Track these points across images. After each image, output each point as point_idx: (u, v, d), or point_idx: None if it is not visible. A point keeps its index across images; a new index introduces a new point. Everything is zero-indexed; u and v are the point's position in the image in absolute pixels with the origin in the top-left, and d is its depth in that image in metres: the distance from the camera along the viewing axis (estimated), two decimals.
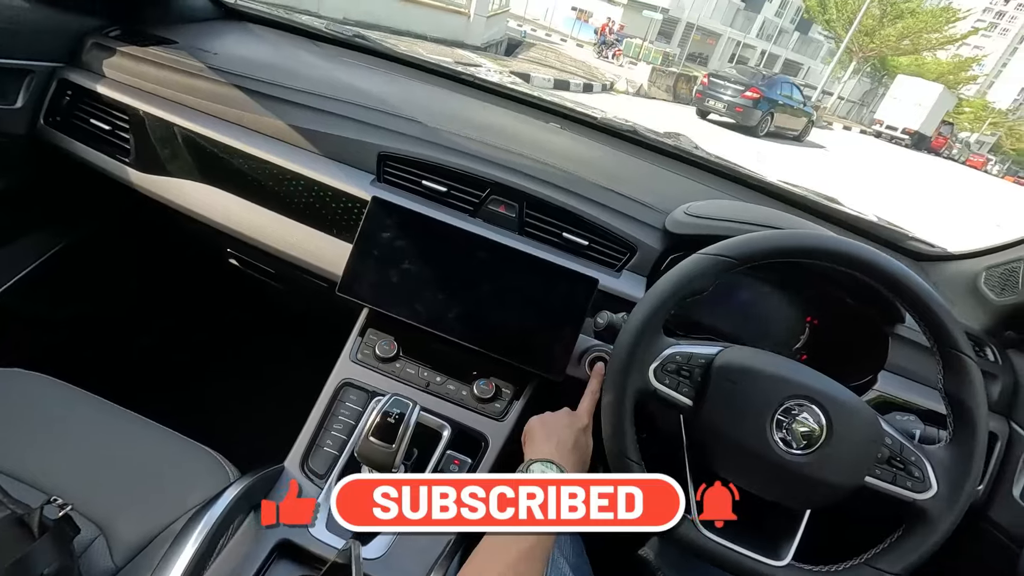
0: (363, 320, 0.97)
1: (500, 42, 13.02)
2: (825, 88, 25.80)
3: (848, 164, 12.88)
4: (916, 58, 29.12)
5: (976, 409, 0.66)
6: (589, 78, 12.05)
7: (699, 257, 0.70)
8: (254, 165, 0.98)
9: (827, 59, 29.69)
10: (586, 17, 30.37)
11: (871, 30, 25.35)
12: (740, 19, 34.91)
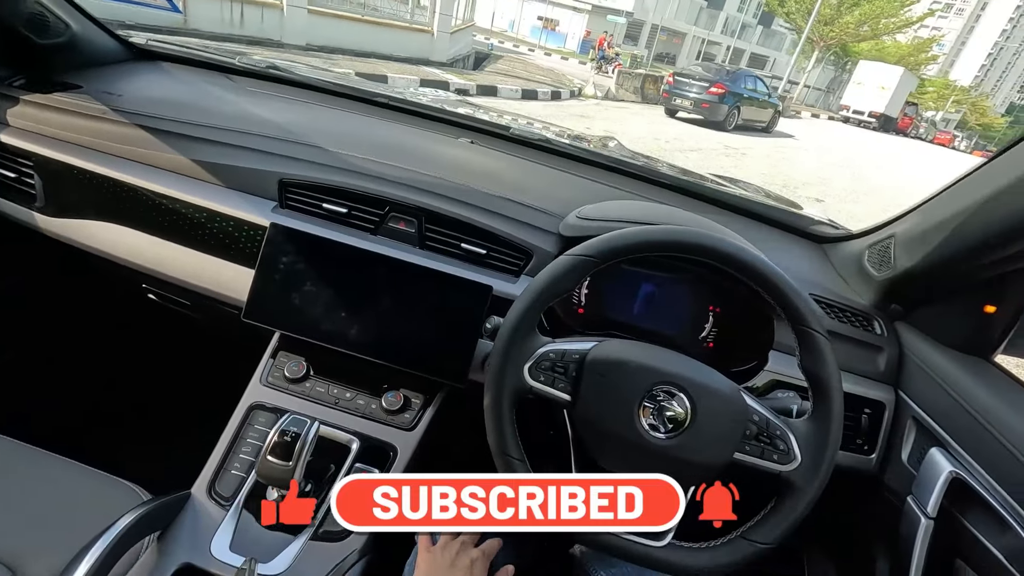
0: (275, 343, 0.99)
1: (467, 56, 13.14)
2: (791, 78, 26.25)
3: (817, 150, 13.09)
4: (876, 43, 29.83)
5: (830, 381, 0.70)
6: (557, 85, 12.18)
7: (563, 259, 0.73)
8: (159, 202, 1.01)
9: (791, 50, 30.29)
10: (552, 26, 30.75)
11: (830, 19, 25.94)
12: (704, 17, 35.53)
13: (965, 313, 0.87)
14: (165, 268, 1.03)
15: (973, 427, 0.78)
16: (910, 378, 0.93)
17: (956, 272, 0.83)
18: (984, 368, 0.86)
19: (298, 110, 1.22)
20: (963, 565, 0.77)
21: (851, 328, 0.99)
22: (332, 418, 0.92)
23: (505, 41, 23.36)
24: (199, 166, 1.02)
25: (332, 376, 0.97)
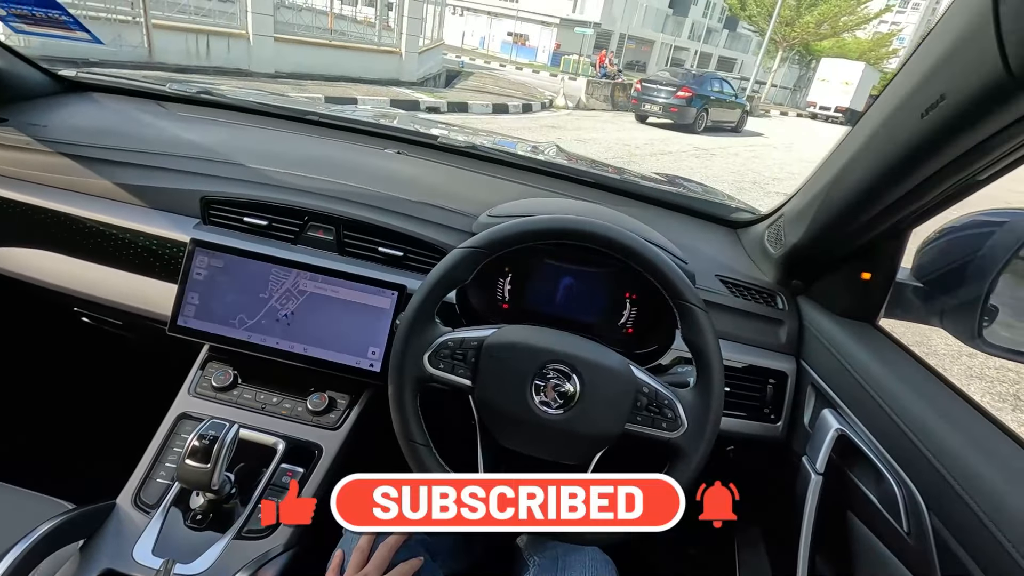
0: (204, 355, 1.02)
1: (438, 75, 13.28)
2: (758, 78, 26.88)
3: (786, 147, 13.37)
4: (837, 40, 30.68)
5: (708, 350, 0.74)
6: (528, 98, 12.36)
7: (454, 252, 0.78)
8: (85, 226, 1.04)
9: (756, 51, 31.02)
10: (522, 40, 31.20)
11: (790, 20, 26.70)
12: (670, 24, 36.29)
13: (848, 282, 0.93)
14: (95, 290, 1.06)
15: (855, 387, 0.83)
16: (808, 347, 0.98)
17: (831, 243, 0.89)
18: (868, 332, 0.91)
19: (226, 131, 1.26)
20: (853, 517, 0.81)
21: (756, 305, 1.04)
22: (258, 422, 0.95)
23: (476, 58, 23.64)
24: (123, 189, 1.05)
25: (260, 383, 1.00)
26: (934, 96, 0.57)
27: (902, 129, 0.65)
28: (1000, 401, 3.22)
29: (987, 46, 0.47)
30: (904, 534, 0.69)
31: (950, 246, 0.83)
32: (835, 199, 0.82)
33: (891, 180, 0.70)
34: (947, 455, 0.66)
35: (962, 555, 0.60)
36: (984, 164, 0.61)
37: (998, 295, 0.81)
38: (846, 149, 0.79)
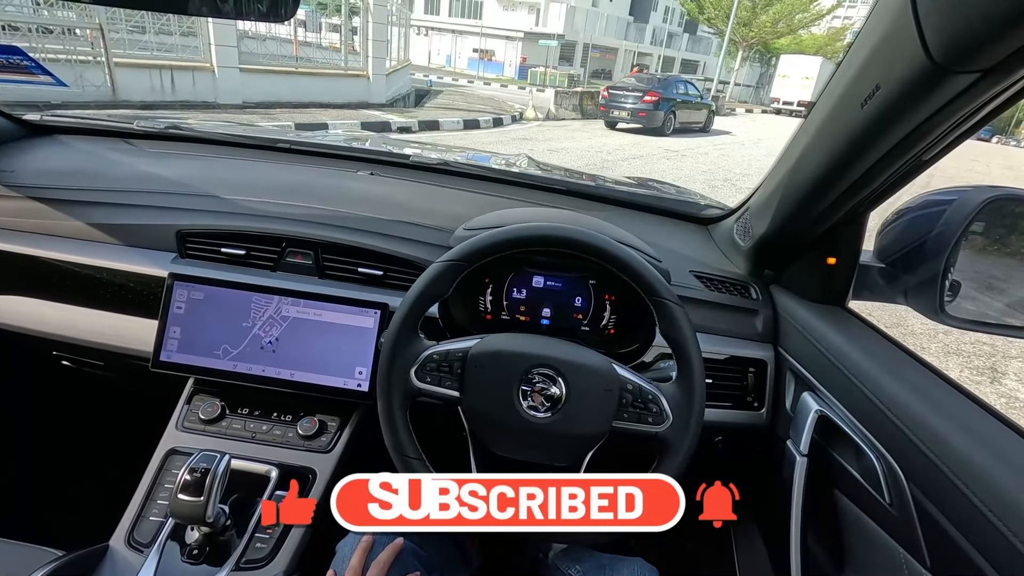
0: (189, 389, 1.02)
1: (407, 95, 13.35)
2: (722, 79, 27.51)
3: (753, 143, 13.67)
4: (794, 37, 31.65)
5: (686, 343, 0.76)
6: (498, 112, 12.47)
7: (432, 266, 0.79)
8: (60, 268, 1.04)
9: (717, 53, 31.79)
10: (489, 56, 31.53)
11: (747, 20, 27.49)
12: (632, 31, 37.01)
13: (815, 268, 0.96)
14: (74, 332, 1.05)
15: (830, 369, 0.86)
16: (784, 334, 1.02)
17: (795, 231, 0.92)
18: (839, 315, 0.95)
19: (197, 164, 1.26)
20: (839, 494, 0.84)
21: (731, 297, 1.07)
22: (250, 451, 0.94)
23: (444, 76, 23.83)
24: (96, 229, 1.05)
25: (248, 412, 0.99)
26: (870, 86, 0.60)
27: (845, 120, 0.68)
28: (978, 375, 3.31)
29: (909, 36, 0.51)
30: (887, 506, 0.72)
31: (907, 226, 0.86)
32: (794, 189, 0.86)
33: (842, 168, 0.74)
34: (921, 427, 0.69)
35: (942, 520, 0.63)
36: (925, 145, 0.64)
37: (959, 270, 0.85)
38: (799, 141, 0.82)
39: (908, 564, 0.68)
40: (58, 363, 1.14)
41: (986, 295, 0.93)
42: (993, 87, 0.52)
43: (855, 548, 0.82)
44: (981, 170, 14.13)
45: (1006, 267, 0.94)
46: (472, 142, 9.54)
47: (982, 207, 0.79)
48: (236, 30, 8.96)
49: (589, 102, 14.70)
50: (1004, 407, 2.02)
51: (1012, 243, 0.93)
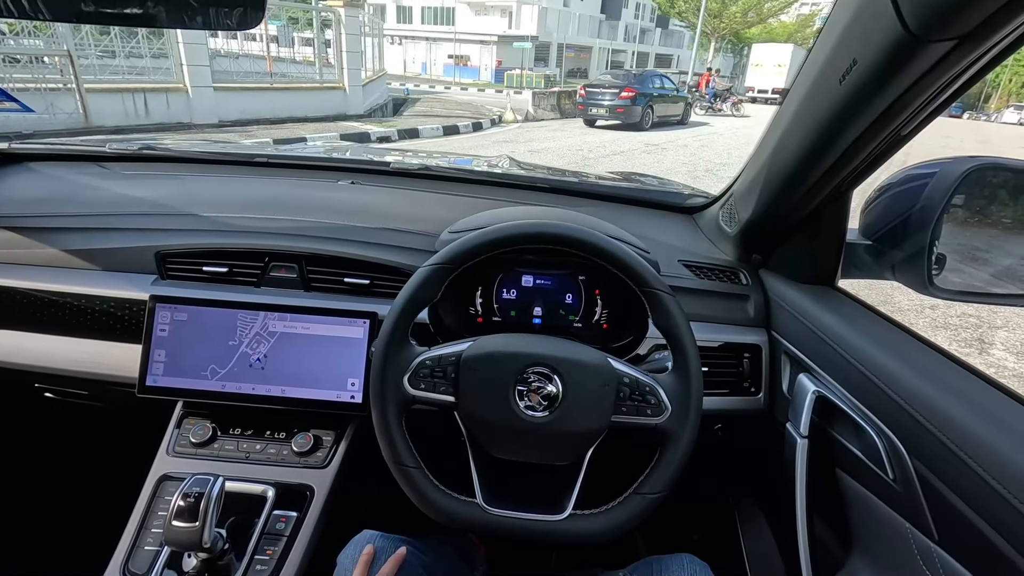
0: (179, 412, 0.99)
1: (385, 104, 13.32)
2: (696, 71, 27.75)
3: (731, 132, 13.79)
4: (764, 26, 32.14)
5: (680, 332, 0.76)
6: (477, 116, 12.48)
7: (420, 271, 0.78)
8: (35, 298, 1.01)
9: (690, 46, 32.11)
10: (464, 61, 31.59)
11: (718, 12, 27.88)
12: (605, 29, 37.30)
13: (802, 249, 0.97)
14: (55, 363, 1.02)
15: (825, 349, 0.86)
16: (776, 317, 1.01)
17: (780, 213, 0.92)
18: (829, 295, 0.95)
19: (174, 184, 1.24)
20: (842, 474, 0.84)
21: (721, 284, 1.07)
22: (244, 472, 0.92)
23: (420, 83, 23.81)
24: (72, 255, 1.02)
25: (241, 432, 0.97)
26: (847, 62, 0.60)
27: (824, 97, 0.68)
28: (966, 347, 3.36)
29: (884, 8, 0.51)
30: (891, 482, 0.72)
31: (891, 202, 0.87)
32: (776, 172, 0.86)
33: (823, 146, 0.74)
34: (918, 400, 0.69)
35: (947, 492, 0.63)
36: (904, 119, 0.64)
37: (944, 243, 0.85)
38: (779, 124, 0.82)
39: (915, 538, 0.68)
40: (41, 396, 1.11)
41: (971, 266, 0.94)
42: (969, 54, 0.52)
43: (861, 526, 0.82)
44: (955, 145, 14.38)
45: (988, 237, 0.94)
46: (453, 147, 9.53)
47: (963, 178, 0.79)
48: (208, 49, 8.89)
49: (567, 101, 14.76)
50: (994, 376, 2.04)
51: (992, 213, 0.94)
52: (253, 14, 0.70)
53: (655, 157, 9.53)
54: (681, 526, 1.33)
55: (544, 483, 0.81)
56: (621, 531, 0.74)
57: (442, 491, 0.74)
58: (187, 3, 0.63)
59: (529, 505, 0.76)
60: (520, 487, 0.81)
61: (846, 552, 0.85)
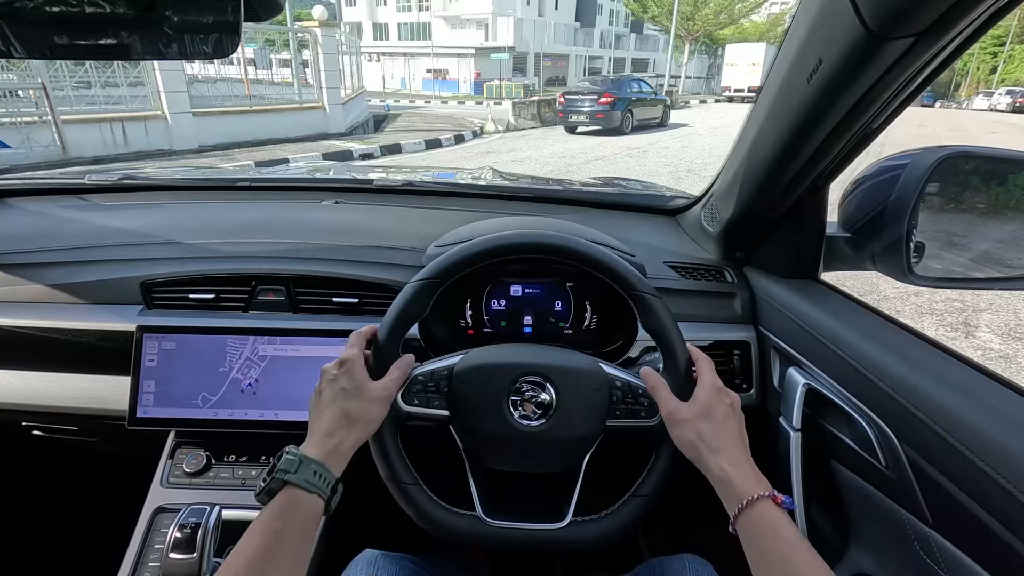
0: (171, 443, 0.98)
1: (366, 121, 13.35)
2: (673, 73, 28.18)
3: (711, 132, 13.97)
4: (736, 27, 32.73)
5: (668, 333, 0.76)
6: (458, 129, 12.54)
7: (407, 286, 0.78)
8: (18, 335, 1.00)
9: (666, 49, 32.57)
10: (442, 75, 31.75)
11: (690, 15, 28.33)
12: (580, 37, 37.74)
13: (784, 245, 0.98)
14: (42, 400, 1.01)
15: (811, 341, 0.87)
16: (762, 313, 1.03)
17: (759, 210, 0.94)
18: (813, 288, 0.96)
19: (156, 212, 1.23)
20: (836, 464, 0.85)
21: (707, 283, 1.08)
22: (241, 499, 0.91)
23: (400, 99, 23.90)
24: (56, 290, 1.01)
25: (235, 459, 0.97)
26: (813, 62, 0.62)
27: (794, 96, 0.70)
28: (952, 331, 3.41)
29: (844, 9, 0.52)
30: (884, 469, 0.72)
31: (867, 194, 0.88)
32: (754, 170, 0.87)
33: (796, 143, 0.75)
34: (905, 388, 0.70)
35: (938, 477, 0.64)
36: (873, 113, 0.66)
37: (921, 231, 0.87)
38: (753, 123, 0.84)
39: (911, 524, 0.69)
40: (29, 434, 1.09)
41: (949, 252, 0.96)
42: (928, 50, 0.53)
43: (858, 514, 0.82)
44: (928, 134, 14.68)
45: (964, 223, 0.96)
46: (436, 161, 9.56)
47: (934, 168, 0.81)
48: (184, 75, 8.87)
49: (547, 109, 14.90)
50: (981, 359, 2.08)
51: (966, 199, 0.96)
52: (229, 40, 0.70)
53: (637, 160, 9.63)
54: (681, 526, 1.33)
55: (543, 491, 0.81)
56: (622, 534, 0.74)
57: (441, 506, 0.74)
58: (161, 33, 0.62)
59: (529, 515, 0.75)
60: (519, 497, 0.81)
61: (845, 541, 0.86)
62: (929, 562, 0.66)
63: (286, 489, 0.59)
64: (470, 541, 0.75)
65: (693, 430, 0.66)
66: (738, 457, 0.64)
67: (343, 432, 0.65)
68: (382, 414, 0.70)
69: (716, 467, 0.63)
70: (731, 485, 0.61)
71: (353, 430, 0.66)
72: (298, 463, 0.60)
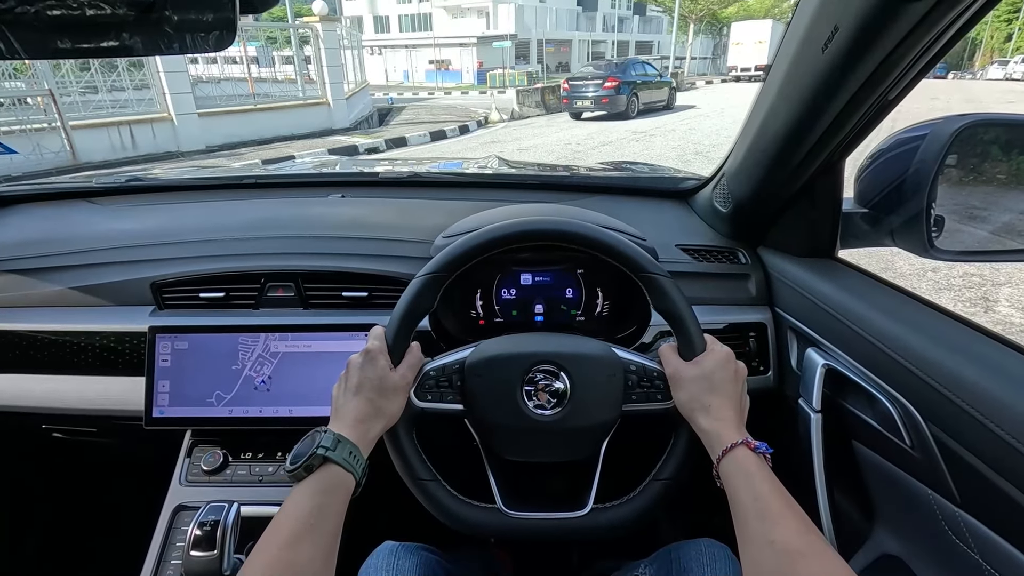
0: (188, 440, 0.99)
1: (370, 116, 13.33)
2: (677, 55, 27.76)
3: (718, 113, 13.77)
4: (741, 5, 32.10)
5: (681, 313, 0.74)
6: (463, 119, 12.48)
7: (413, 282, 0.77)
8: (34, 339, 1.00)
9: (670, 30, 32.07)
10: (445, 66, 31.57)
11: None
12: (583, 21, 37.27)
13: (799, 223, 0.96)
14: (61, 402, 1.02)
15: (830, 321, 0.85)
16: (778, 294, 1.01)
17: (773, 189, 0.91)
18: (830, 266, 0.94)
19: (164, 213, 1.23)
20: (858, 445, 0.83)
21: (720, 265, 1.06)
22: (259, 496, 0.92)
23: (404, 92, 23.83)
24: (69, 293, 1.02)
25: (252, 456, 0.97)
26: (829, 29, 0.59)
27: (808, 67, 0.67)
28: (971, 306, 3.34)
29: None
30: (908, 449, 0.71)
31: (883, 168, 0.86)
32: (766, 147, 0.85)
33: (810, 117, 0.73)
34: (928, 364, 0.68)
35: (966, 455, 0.62)
36: (890, 83, 0.64)
37: (940, 204, 0.85)
38: (765, 98, 0.82)
39: (938, 504, 0.67)
40: (50, 436, 1.11)
41: (970, 225, 0.93)
42: (949, 11, 0.51)
43: (882, 496, 0.81)
44: (941, 107, 14.35)
45: (984, 195, 0.94)
46: (441, 152, 9.53)
47: (954, 137, 0.78)
48: (189, 76, 8.90)
49: (551, 96, 14.77)
50: (1001, 333, 2.04)
51: (987, 170, 0.93)
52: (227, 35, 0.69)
53: (644, 144, 9.52)
54: (701, 511, 1.33)
55: (562, 481, 0.80)
56: (645, 520, 0.73)
57: (461, 500, 0.73)
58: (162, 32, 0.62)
59: (549, 504, 0.75)
60: (538, 487, 0.80)
61: (870, 523, 0.84)
62: (958, 542, 0.64)
63: (326, 466, 0.60)
64: (491, 534, 0.74)
65: (690, 390, 0.69)
66: (725, 413, 0.67)
67: (372, 421, 0.67)
68: (402, 406, 0.71)
69: (706, 424, 0.66)
70: (713, 436, 0.65)
71: (378, 420, 0.68)
72: (336, 441, 0.61)
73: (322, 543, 0.56)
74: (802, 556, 0.51)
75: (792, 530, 0.53)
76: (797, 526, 0.54)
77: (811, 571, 0.50)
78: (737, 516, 0.58)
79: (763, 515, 0.55)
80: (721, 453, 0.62)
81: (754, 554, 0.54)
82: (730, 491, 0.60)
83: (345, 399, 0.68)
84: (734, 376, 0.70)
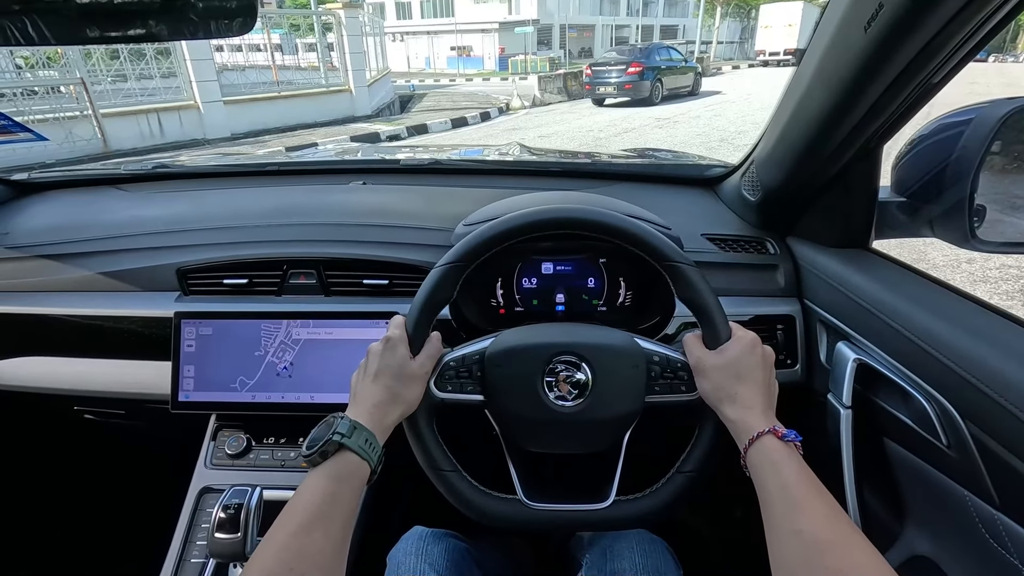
0: (213, 425, 1.01)
1: (392, 103, 13.35)
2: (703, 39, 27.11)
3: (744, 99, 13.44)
4: None
5: (705, 302, 0.72)
6: (485, 106, 12.42)
7: (433, 271, 0.76)
8: (64, 323, 1.03)
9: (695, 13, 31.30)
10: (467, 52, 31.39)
11: None
12: (606, 5, 36.58)
13: (832, 212, 0.92)
14: (91, 385, 1.04)
15: (863, 314, 0.82)
16: (808, 285, 0.97)
17: (805, 176, 0.88)
18: (863, 257, 0.90)
19: (188, 200, 1.25)
20: (890, 443, 0.80)
21: (747, 255, 1.03)
22: (281, 480, 0.93)
23: (425, 78, 23.78)
24: (97, 278, 1.04)
25: (275, 441, 0.98)
26: (872, 7, 0.56)
27: (849, 47, 0.64)
28: (1009, 299, 3.23)
29: None
30: (945, 448, 0.68)
31: (924, 155, 0.82)
32: (799, 133, 0.82)
33: (849, 101, 0.70)
34: (970, 361, 0.65)
35: (1007, 456, 0.59)
36: (936, 65, 0.60)
37: (982, 194, 0.80)
38: (799, 82, 0.78)
39: (975, 506, 0.65)
40: (81, 417, 1.14)
41: (1012, 216, 0.88)
42: None
43: (915, 496, 0.78)
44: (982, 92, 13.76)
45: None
46: (462, 139, 9.51)
47: (1002, 122, 0.74)
48: (214, 64, 9.01)
49: (573, 83, 14.59)
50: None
51: None
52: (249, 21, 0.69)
53: (667, 131, 9.35)
54: (724, 504, 1.31)
55: (584, 472, 0.79)
56: (668, 512, 0.72)
57: (482, 491, 0.73)
58: (187, 18, 0.63)
59: (571, 496, 0.74)
60: (560, 479, 0.80)
61: (900, 523, 0.82)
62: (996, 546, 0.62)
63: (341, 452, 0.60)
64: (513, 525, 0.74)
65: (715, 379, 0.67)
66: (753, 400, 0.64)
67: (389, 407, 0.67)
68: (420, 394, 0.71)
69: (732, 413, 0.64)
70: (740, 425, 0.63)
71: (396, 407, 0.67)
72: (352, 428, 0.62)
73: (334, 530, 0.56)
74: (830, 546, 0.49)
75: (820, 519, 0.51)
76: (826, 513, 0.52)
77: (839, 562, 0.48)
78: (764, 506, 0.56)
79: (789, 504, 0.53)
80: (748, 442, 0.60)
81: (780, 545, 0.53)
82: (757, 481, 0.58)
83: (363, 385, 0.69)
84: (761, 362, 0.68)
